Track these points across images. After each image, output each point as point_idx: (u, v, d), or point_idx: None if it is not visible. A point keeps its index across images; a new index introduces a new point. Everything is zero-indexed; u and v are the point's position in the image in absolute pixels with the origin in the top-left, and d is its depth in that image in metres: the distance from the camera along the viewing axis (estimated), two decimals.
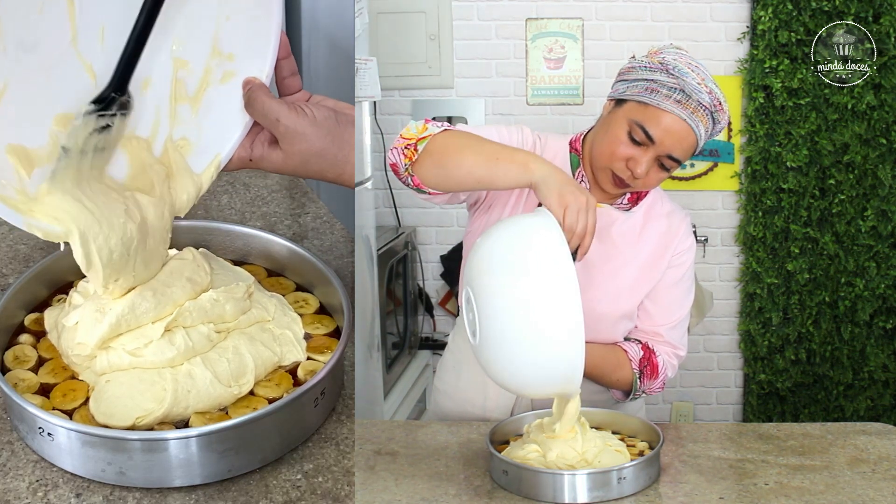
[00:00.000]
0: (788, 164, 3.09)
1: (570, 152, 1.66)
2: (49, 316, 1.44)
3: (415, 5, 3.17)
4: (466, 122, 3.13)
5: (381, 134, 3.05)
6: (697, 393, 3.35)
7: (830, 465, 1.43)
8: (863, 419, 3.20)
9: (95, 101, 1.28)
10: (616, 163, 1.56)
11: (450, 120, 3.13)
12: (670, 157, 1.55)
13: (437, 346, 3.27)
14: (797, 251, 3.14)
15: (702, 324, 1.94)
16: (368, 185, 2.37)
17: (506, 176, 1.42)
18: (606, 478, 1.34)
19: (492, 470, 1.42)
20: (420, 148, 1.49)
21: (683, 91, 1.51)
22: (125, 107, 1.30)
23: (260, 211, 1.84)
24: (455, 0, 3.17)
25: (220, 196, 1.89)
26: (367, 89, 2.40)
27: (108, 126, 1.29)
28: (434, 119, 1.56)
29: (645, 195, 1.68)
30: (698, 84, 1.51)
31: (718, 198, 3.23)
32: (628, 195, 1.66)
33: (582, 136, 1.67)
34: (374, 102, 2.82)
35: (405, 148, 1.50)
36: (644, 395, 1.71)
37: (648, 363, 1.67)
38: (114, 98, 1.28)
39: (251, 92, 1.34)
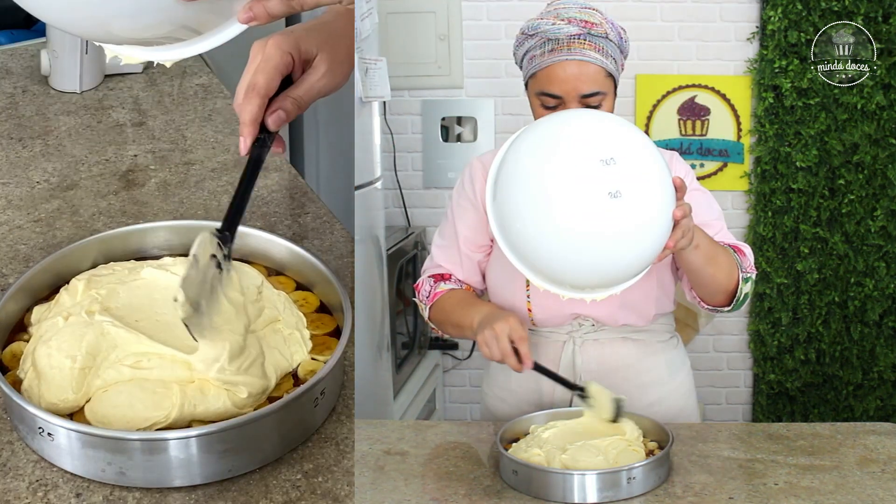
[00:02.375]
0: (798, 164, 3.08)
1: None
2: (36, 312, 1.42)
3: (424, 6, 3.17)
4: (476, 123, 3.12)
5: (391, 134, 3.05)
6: (707, 393, 3.34)
7: (840, 465, 1.43)
8: (872, 419, 3.19)
9: (219, 231, 1.24)
10: None
11: (459, 120, 3.13)
12: (587, 96, 1.55)
13: (447, 346, 3.26)
14: (807, 251, 3.13)
15: (711, 324, 1.93)
16: (378, 185, 2.37)
17: (472, 336, 1.55)
18: (616, 478, 1.34)
19: (501, 470, 1.42)
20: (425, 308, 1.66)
21: (549, 39, 1.52)
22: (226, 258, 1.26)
23: (260, 211, 1.83)
24: (465, 0, 3.17)
25: (220, 196, 1.87)
26: (376, 89, 2.39)
27: (220, 266, 1.25)
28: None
29: None
30: (553, 23, 1.53)
31: (728, 198, 3.22)
32: None
33: None
34: (384, 102, 2.82)
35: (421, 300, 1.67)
36: (740, 304, 1.60)
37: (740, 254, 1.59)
38: (226, 237, 1.25)
39: None
